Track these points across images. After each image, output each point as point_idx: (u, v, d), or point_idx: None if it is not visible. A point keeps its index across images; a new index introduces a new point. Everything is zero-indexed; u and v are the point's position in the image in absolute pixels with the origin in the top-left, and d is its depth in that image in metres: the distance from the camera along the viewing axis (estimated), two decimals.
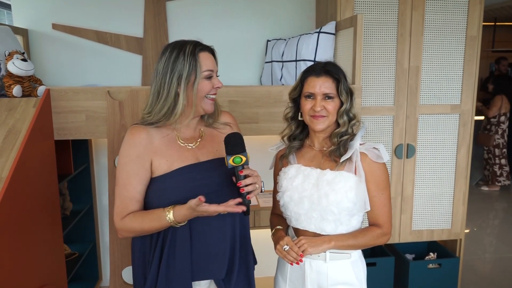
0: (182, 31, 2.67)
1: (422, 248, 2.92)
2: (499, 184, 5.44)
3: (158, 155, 1.36)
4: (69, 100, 1.91)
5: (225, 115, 1.55)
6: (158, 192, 1.36)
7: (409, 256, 2.84)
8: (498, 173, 5.37)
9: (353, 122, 1.42)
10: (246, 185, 1.28)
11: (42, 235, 1.78)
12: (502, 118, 5.22)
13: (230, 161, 1.27)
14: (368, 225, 1.47)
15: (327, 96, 1.39)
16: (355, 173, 1.39)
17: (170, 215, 1.29)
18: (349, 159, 1.40)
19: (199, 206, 1.24)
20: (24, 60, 1.87)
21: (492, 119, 5.21)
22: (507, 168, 5.39)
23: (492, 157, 5.33)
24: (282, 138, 1.54)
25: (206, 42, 2.81)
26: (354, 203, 1.38)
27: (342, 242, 1.39)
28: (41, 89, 1.90)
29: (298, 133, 1.52)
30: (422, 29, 2.48)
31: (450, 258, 2.72)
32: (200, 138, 1.45)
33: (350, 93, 1.42)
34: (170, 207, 1.31)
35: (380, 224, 1.43)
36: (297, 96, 1.47)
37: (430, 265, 2.68)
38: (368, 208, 1.40)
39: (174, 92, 1.33)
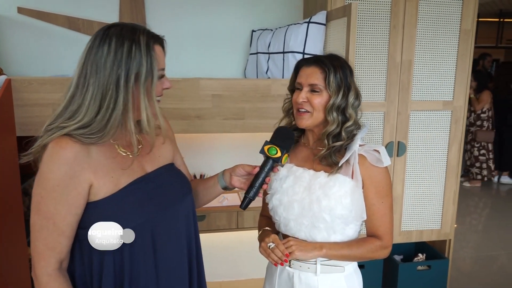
0: (160, 18, 2.49)
1: (410, 249, 2.84)
2: (492, 178, 5.48)
3: (99, 172, 1.05)
4: (34, 92, 1.73)
5: None
6: (99, 221, 1.04)
7: (397, 257, 2.76)
8: (493, 167, 5.40)
9: (348, 124, 1.27)
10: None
11: (4, 238, 1.62)
12: (490, 113, 5.24)
13: (284, 157, 1.24)
14: (366, 236, 1.34)
15: (313, 89, 1.26)
16: (352, 177, 1.26)
17: None
18: (347, 161, 1.27)
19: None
20: None
21: (482, 115, 5.21)
22: (490, 162, 5.43)
23: (486, 152, 5.32)
24: None
25: (187, 31, 2.68)
26: (349, 210, 1.25)
27: (334, 251, 1.27)
28: (0, 79, 1.70)
29: (296, 127, 1.38)
30: (416, 21, 2.36)
31: (439, 259, 2.65)
32: (140, 143, 1.17)
33: (346, 89, 1.27)
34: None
35: (380, 235, 1.30)
36: (293, 87, 1.35)
37: (419, 267, 2.60)
38: (364, 217, 1.28)
39: (129, 97, 1.02)
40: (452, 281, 2.89)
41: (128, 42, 1.02)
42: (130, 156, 1.12)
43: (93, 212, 1.05)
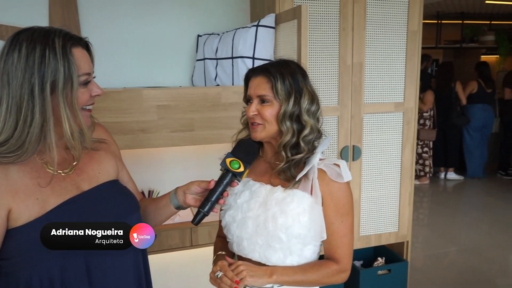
0: (97, 24, 2.29)
1: (369, 253, 2.81)
2: (431, 175, 5.64)
3: (20, 194, 0.94)
4: None
5: (98, 128, 1.19)
6: (24, 249, 0.92)
7: (357, 263, 2.71)
8: (427, 163, 5.56)
9: (305, 133, 1.17)
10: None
11: None
12: (432, 113, 5.41)
13: (246, 173, 1.15)
14: (323, 258, 1.24)
15: (263, 100, 1.17)
16: (311, 193, 1.17)
17: None
18: (305, 175, 1.17)
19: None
20: None
21: (424, 113, 5.37)
22: (431, 159, 5.63)
23: (428, 150, 5.49)
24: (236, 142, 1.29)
25: (126, 37, 2.47)
26: (307, 229, 1.15)
27: (287, 276, 1.16)
28: None
29: None
30: (364, 23, 2.33)
31: (398, 262, 2.63)
32: (75, 160, 1.06)
33: (298, 94, 1.17)
34: None
35: (338, 258, 1.20)
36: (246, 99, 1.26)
37: (380, 272, 2.57)
38: (324, 237, 1.18)
39: (46, 107, 0.92)
40: (411, 282, 2.89)
41: (40, 46, 0.92)
42: (63, 174, 1.01)
43: (15, 239, 0.93)
